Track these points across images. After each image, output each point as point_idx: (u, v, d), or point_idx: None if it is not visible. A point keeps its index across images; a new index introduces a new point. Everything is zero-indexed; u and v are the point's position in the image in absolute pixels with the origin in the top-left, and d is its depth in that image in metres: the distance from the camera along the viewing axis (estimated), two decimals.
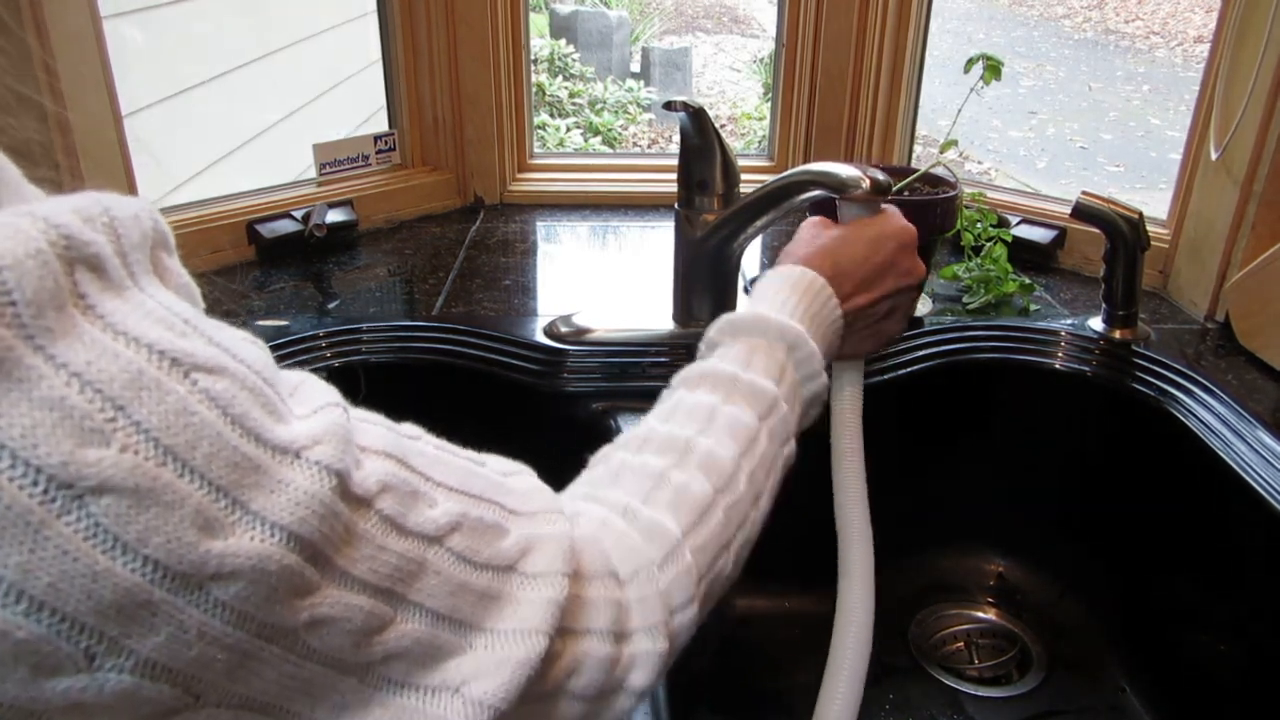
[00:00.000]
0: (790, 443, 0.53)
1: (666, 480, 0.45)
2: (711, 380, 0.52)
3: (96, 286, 0.25)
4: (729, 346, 0.55)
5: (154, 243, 0.29)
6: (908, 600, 0.97)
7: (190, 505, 0.25)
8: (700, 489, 0.45)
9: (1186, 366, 0.86)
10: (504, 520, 0.36)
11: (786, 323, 0.55)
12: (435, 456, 0.35)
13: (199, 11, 1.79)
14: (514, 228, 1.20)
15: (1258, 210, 0.89)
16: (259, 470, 0.27)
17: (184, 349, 0.26)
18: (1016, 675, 0.90)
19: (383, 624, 0.30)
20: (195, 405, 0.26)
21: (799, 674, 0.90)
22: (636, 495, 0.45)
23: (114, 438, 0.24)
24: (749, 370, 0.52)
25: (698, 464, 0.46)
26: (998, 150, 5.26)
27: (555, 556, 0.36)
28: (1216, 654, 0.79)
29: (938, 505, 0.98)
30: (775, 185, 0.76)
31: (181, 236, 1.07)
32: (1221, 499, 0.76)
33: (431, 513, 0.32)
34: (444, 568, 0.32)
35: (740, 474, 0.47)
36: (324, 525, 0.28)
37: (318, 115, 2.15)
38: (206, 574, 0.25)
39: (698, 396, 0.51)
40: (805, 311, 0.57)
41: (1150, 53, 7.45)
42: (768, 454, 0.50)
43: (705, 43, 7.40)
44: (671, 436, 0.48)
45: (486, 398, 0.89)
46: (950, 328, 0.94)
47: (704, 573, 0.44)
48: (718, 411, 0.49)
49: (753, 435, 0.49)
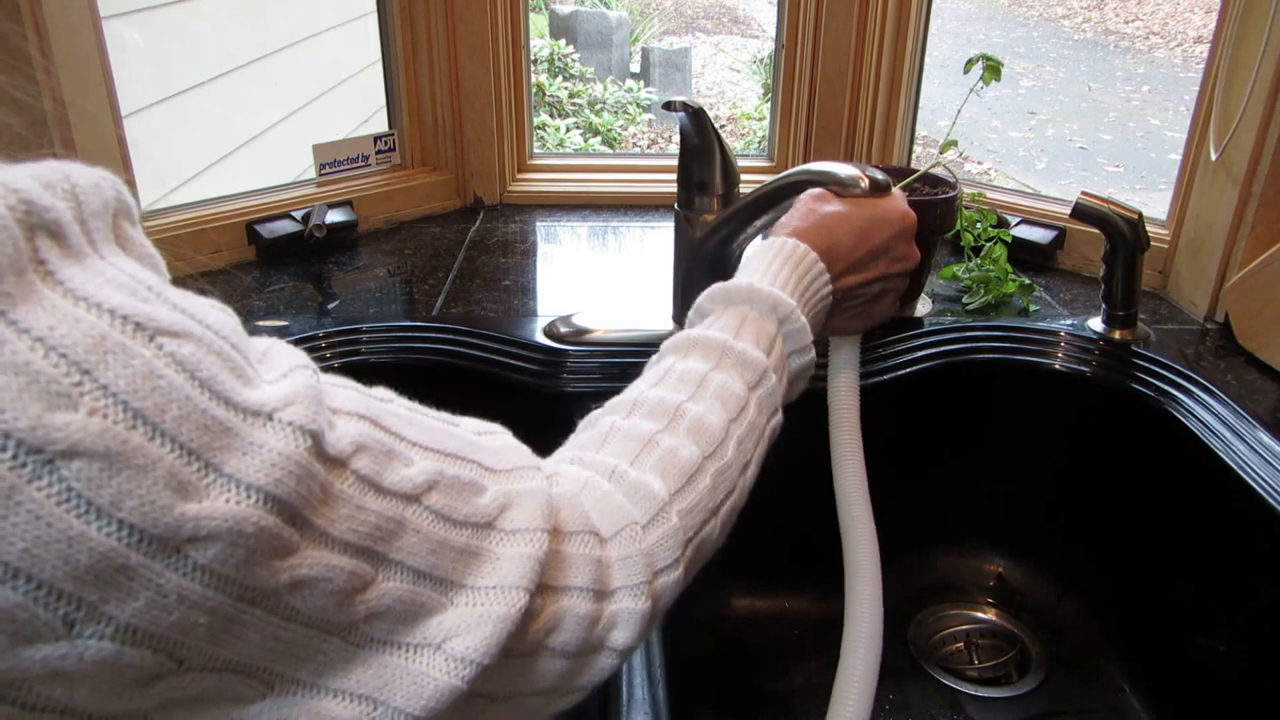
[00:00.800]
0: (778, 414, 0.53)
1: (655, 444, 0.45)
2: (703, 347, 0.52)
3: (57, 253, 0.25)
4: (720, 315, 0.55)
5: (116, 211, 0.29)
6: (907, 601, 0.97)
7: (163, 468, 0.25)
8: (689, 454, 0.46)
9: (1186, 367, 0.86)
10: (481, 478, 0.36)
11: (779, 295, 0.55)
12: (408, 417, 0.35)
13: (198, 12, 1.79)
14: (514, 228, 1.20)
15: (1257, 211, 0.89)
16: (230, 433, 0.26)
17: (147, 313, 0.26)
18: (1016, 676, 0.90)
19: (364, 583, 0.30)
20: (162, 369, 0.25)
21: (799, 674, 0.90)
22: (624, 458, 0.45)
23: (81, 402, 0.24)
24: (739, 339, 0.52)
25: (687, 429, 0.47)
26: (997, 151, 5.26)
27: (534, 513, 0.36)
28: (1216, 654, 0.79)
29: (937, 506, 0.98)
30: (775, 185, 0.76)
31: (181, 236, 1.08)
32: (1221, 499, 0.76)
33: (408, 471, 0.32)
34: (423, 526, 0.32)
35: (729, 440, 0.48)
36: (300, 486, 0.28)
37: (317, 115, 2.15)
38: (183, 537, 0.25)
39: (689, 363, 0.51)
40: (797, 285, 0.57)
41: (1150, 53, 7.45)
42: (756, 423, 0.50)
43: (705, 43, 7.40)
44: (661, 401, 0.48)
45: (486, 398, 0.89)
46: (950, 328, 0.94)
47: (690, 536, 0.44)
48: (708, 378, 0.50)
49: (742, 403, 0.49)
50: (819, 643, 0.93)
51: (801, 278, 0.58)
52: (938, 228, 0.93)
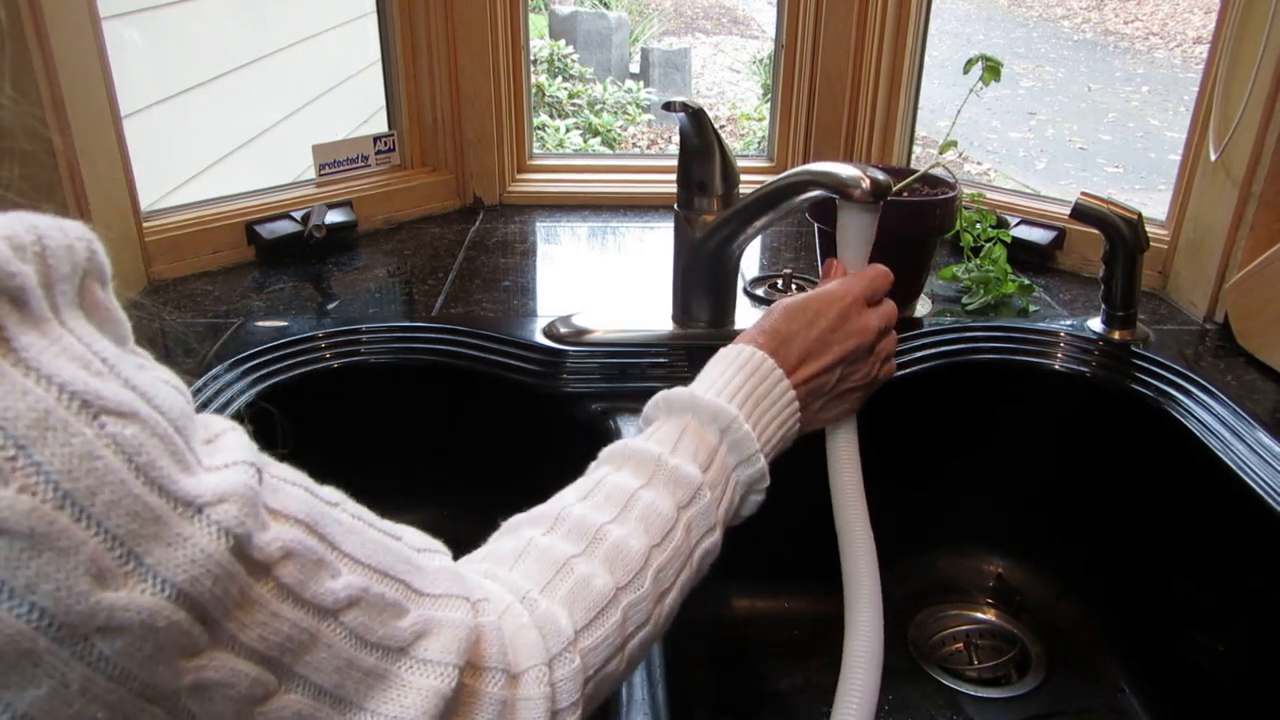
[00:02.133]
0: (714, 533, 0.51)
1: (569, 570, 0.44)
2: (636, 461, 0.50)
3: (16, 319, 0.25)
4: (661, 424, 0.54)
5: (86, 272, 0.28)
6: (907, 601, 0.97)
7: (85, 553, 0.24)
8: (602, 584, 0.44)
9: (1185, 367, 0.86)
10: (405, 600, 0.35)
11: (720, 404, 0.53)
12: (350, 525, 0.34)
13: (198, 12, 1.79)
14: (513, 228, 1.20)
15: (1257, 211, 0.89)
16: (159, 521, 0.26)
17: (96, 390, 0.25)
18: (1016, 676, 0.90)
19: (266, 693, 0.30)
20: (101, 450, 0.25)
21: (799, 674, 0.90)
22: (537, 582, 0.43)
23: (13, 478, 0.23)
24: (676, 453, 0.51)
25: (605, 555, 0.45)
26: (997, 151, 5.26)
27: (451, 645, 0.36)
28: (1216, 654, 0.79)
29: (937, 506, 0.98)
30: (775, 186, 0.76)
31: (181, 237, 1.08)
32: (1220, 499, 0.76)
33: (333, 584, 0.32)
34: (336, 642, 0.32)
35: (648, 570, 0.46)
36: (217, 587, 0.27)
37: (317, 116, 2.15)
38: (94, 625, 0.25)
39: (620, 477, 0.49)
40: (749, 392, 0.55)
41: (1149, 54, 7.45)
42: (683, 547, 0.48)
43: (704, 43, 7.40)
44: (583, 521, 0.46)
45: (486, 399, 0.89)
46: (950, 328, 0.94)
47: (592, 674, 0.43)
48: (637, 497, 0.48)
49: (668, 526, 0.48)
50: (819, 643, 0.93)
51: (756, 384, 0.56)
52: (937, 228, 0.93)
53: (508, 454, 0.90)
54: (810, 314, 0.61)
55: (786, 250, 1.15)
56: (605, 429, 0.81)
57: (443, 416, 0.91)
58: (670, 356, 0.88)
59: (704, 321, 0.90)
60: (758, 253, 1.14)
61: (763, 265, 1.10)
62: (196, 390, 0.79)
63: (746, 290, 1.00)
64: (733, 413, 0.53)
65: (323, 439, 0.90)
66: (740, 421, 0.53)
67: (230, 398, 0.80)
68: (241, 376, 0.83)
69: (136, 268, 0.99)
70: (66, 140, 0.86)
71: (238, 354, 0.85)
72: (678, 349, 0.88)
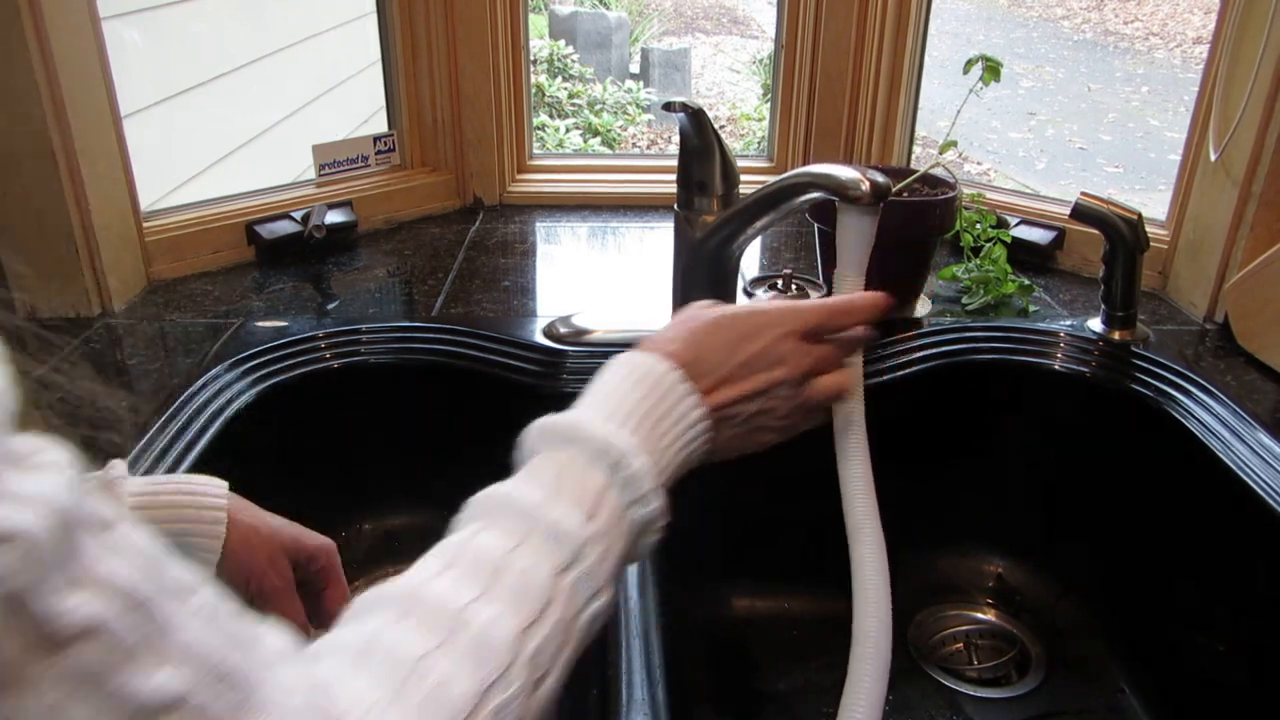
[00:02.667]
0: (601, 596, 0.43)
1: (424, 673, 0.36)
2: (510, 516, 0.42)
3: None
4: (541, 462, 0.46)
5: None
6: (907, 601, 0.97)
7: None
8: (463, 689, 0.36)
9: (1185, 367, 0.86)
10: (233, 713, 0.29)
11: (609, 437, 0.45)
12: (194, 613, 0.28)
13: (198, 12, 1.79)
14: (513, 229, 1.20)
15: (1256, 211, 0.89)
16: None
17: None
18: (1016, 676, 0.90)
19: None
20: None
21: (799, 674, 0.90)
22: (386, 688, 0.35)
23: None
24: (555, 501, 0.43)
25: (467, 648, 0.37)
26: (997, 151, 5.26)
27: None
28: (1216, 655, 0.79)
29: (937, 506, 0.98)
30: (775, 187, 0.76)
31: (181, 237, 1.08)
32: (1220, 500, 0.76)
33: (144, 682, 0.26)
34: None
35: (520, 659, 0.38)
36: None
37: (317, 116, 2.15)
38: None
39: (489, 539, 0.41)
40: (646, 413, 0.48)
41: (1149, 54, 7.45)
42: (564, 619, 0.41)
43: (704, 44, 7.40)
44: (443, 602, 0.38)
45: (485, 399, 0.89)
46: (949, 328, 0.94)
47: None
48: (507, 564, 0.40)
49: (544, 600, 0.40)
50: (819, 643, 0.93)
51: (656, 403, 0.48)
52: (937, 228, 0.93)
53: (508, 454, 0.90)
54: (737, 333, 0.54)
55: (786, 250, 1.15)
56: None
57: (443, 416, 0.91)
58: None
59: None
60: (758, 253, 1.14)
61: (763, 265, 1.10)
62: (196, 390, 0.79)
63: (746, 290, 1.00)
64: (622, 447, 0.45)
65: (323, 439, 0.90)
66: (632, 456, 0.45)
67: (230, 398, 0.80)
68: (241, 377, 0.83)
69: (136, 268, 0.99)
70: (66, 140, 0.86)
71: (238, 354, 0.85)
72: None
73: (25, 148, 0.85)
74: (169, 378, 0.82)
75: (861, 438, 0.67)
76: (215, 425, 0.76)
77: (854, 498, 0.65)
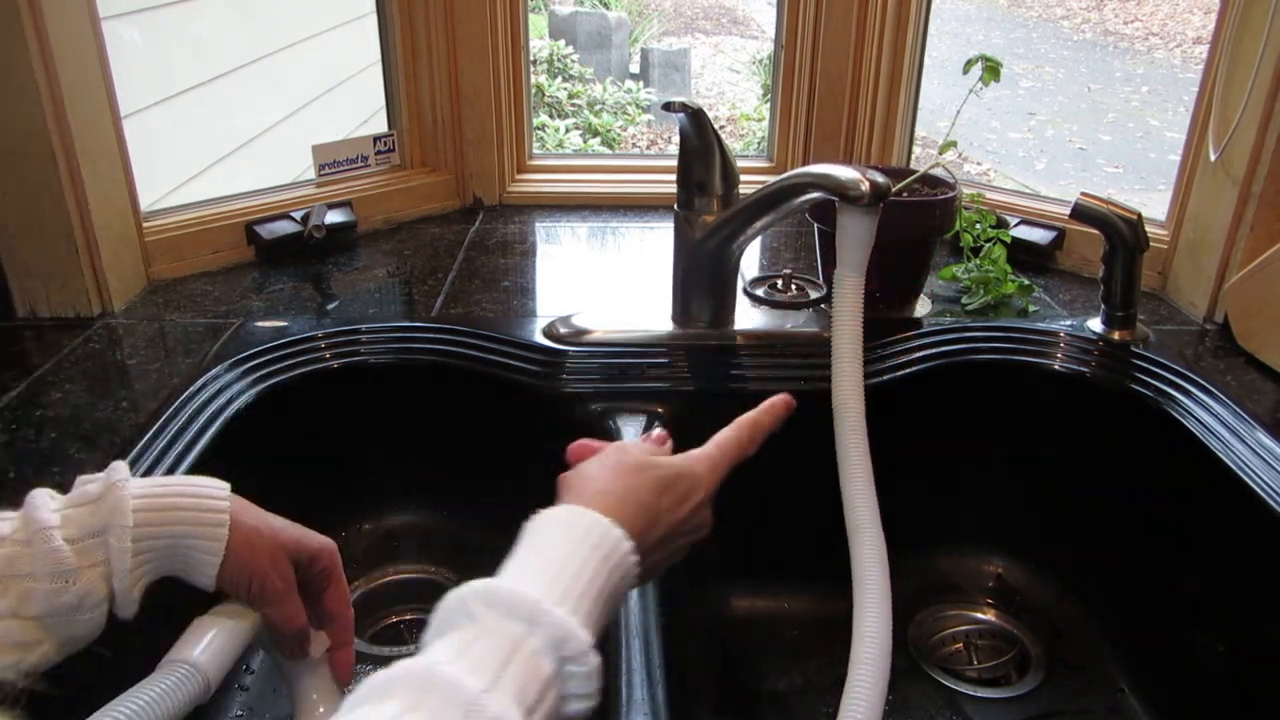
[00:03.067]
0: None
1: None
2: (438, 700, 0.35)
3: None
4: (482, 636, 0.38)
5: None
6: (907, 601, 0.97)
7: None
8: None
9: (1185, 367, 0.86)
10: None
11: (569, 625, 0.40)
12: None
13: (198, 12, 1.78)
14: (513, 229, 1.20)
15: (1256, 211, 0.89)
16: None
17: None
18: (1015, 676, 0.90)
19: None
20: None
21: (799, 674, 0.90)
22: None
23: None
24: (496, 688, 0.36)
25: None
26: (997, 151, 5.26)
27: None
28: (1216, 655, 0.79)
29: (936, 506, 0.98)
30: (775, 187, 0.76)
31: (181, 237, 1.08)
32: (1220, 500, 0.76)
33: None
34: None
35: None
36: None
37: (317, 116, 2.15)
38: None
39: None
40: (600, 591, 0.43)
41: (1149, 54, 7.45)
42: None
43: (704, 44, 7.40)
44: None
45: (485, 399, 0.89)
46: (949, 328, 0.94)
47: None
48: None
49: None
50: (819, 643, 0.93)
51: (608, 579, 0.44)
52: (937, 228, 0.93)
53: (507, 454, 0.90)
54: (677, 495, 0.52)
55: (786, 250, 1.15)
56: (605, 429, 0.81)
57: (443, 416, 0.91)
58: (670, 357, 0.88)
59: (704, 322, 0.90)
60: (758, 253, 1.14)
61: (763, 265, 1.10)
62: (196, 390, 0.79)
63: (746, 290, 1.00)
64: (584, 639, 0.40)
65: (323, 439, 0.90)
66: (589, 653, 0.40)
67: (230, 398, 0.80)
68: (241, 377, 0.83)
69: (136, 268, 0.99)
70: (66, 140, 0.86)
71: (238, 354, 0.85)
72: (677, 349, 0.88)
73: (25, 147, 0.85)
74: (169, 378, 0.82)
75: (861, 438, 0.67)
76: (215, 425, 0.76)
77: (854, 498, 0.65)
